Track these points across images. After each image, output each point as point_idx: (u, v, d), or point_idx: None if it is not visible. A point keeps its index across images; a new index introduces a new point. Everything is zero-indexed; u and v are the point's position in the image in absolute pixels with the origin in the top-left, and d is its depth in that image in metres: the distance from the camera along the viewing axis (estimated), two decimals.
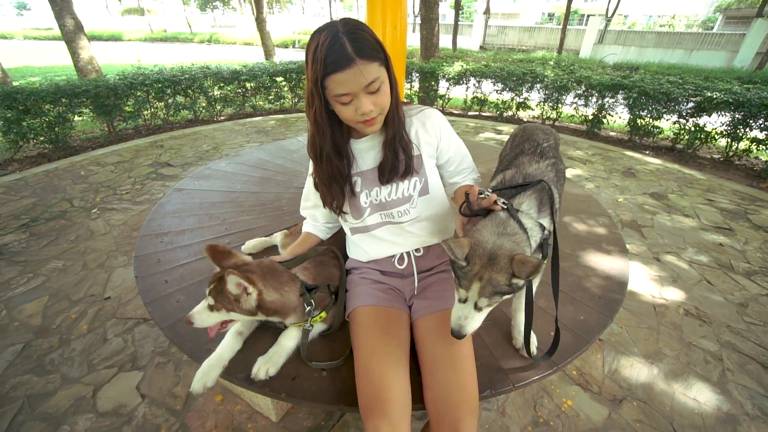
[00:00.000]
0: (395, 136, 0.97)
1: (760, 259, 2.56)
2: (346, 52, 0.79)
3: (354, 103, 0.86)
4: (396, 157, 0.98)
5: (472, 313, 0.80)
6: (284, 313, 1.00)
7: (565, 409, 1.53)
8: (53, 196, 3.24)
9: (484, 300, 0.77)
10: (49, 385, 1.60)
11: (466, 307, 0.80)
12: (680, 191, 3.61)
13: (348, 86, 0.82)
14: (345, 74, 0.80)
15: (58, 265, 2.36)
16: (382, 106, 0.90)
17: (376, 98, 0.87)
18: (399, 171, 1.00)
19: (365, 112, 0.86)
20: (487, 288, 0.76)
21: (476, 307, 0.79)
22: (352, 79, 0.81)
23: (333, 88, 0.83)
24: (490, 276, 0.76)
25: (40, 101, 3.89)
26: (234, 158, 2.42)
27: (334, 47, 0.79)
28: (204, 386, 0.93)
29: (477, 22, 20.08)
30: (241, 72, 5.50)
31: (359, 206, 1.07)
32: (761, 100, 3.84)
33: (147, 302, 1.22)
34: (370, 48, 0.82)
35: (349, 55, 0.79)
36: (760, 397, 1.60)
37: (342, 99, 0.85)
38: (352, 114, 0.87)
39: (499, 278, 0.75)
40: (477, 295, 0.77)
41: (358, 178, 1.05)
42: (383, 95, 0.88)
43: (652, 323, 1.98)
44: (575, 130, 5.52)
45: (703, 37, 14.98)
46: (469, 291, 0.78)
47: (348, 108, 0.87)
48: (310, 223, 1.22)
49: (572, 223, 1.74)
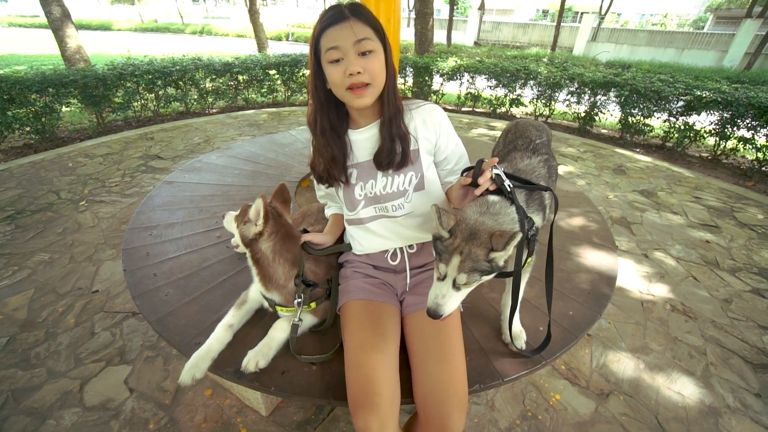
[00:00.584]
0: (392, 121, 0.97)
1: (744, 256, 2.62)
2: (341, 10, 0.86)
3: (343, 63, 0.86)
4: (392, 142, 0.98)
5: (450, 292, 0.80)
6: (267, 274, 1.03)
7: (553, 402, 1.56)
8: (40, 187, 3.17)
9: (462, 276, 0.77)
10: (35, 379, 1.57)
11: (444, 285, 0.80)
12: (669, 189, 3.66)
13: (339, 40, 0.85)
14: (336, 28, 0.85)
15: (44, 258, 2.31)
16: (372, 73, 0.89)
17: (366, 62, 0.87)
18: (396, 159, 0.99)
19: (353, 72, 0.85)
20: (467, 263, 0.76)
21: (455, 286, 0.79)
22: (343, 34, 0.85)
23: (325, 44, 0.87)
24: (470, 250, 0.76)
25: (25, 90, 3.78)
26: (225, 151, 2.39)
27: (332, 10, 0.87)
28: (193, 378, 0.93)
29: (471, 17, 20.03)
30: (234, 64, 5.42)
31: (354, 198, 1.07)
32: (749, 100, 3.90)
33: (135, 296, 1.20)
34: (367, 14, 0.88)
35: (343, 12, 0.86)
36: (741, 390, 1.65)
37: (331, 54, 0.86)
38: (341, 77, 0.87)
39: (479, 253, 0.76)
40: (456, 270, 0.77)
41: (354, 170, 1.05)
42: (374, 62, 0.88)
43: (639, 318, 2.01)
44: (567, 127, 5.55)
45: (694, 36, 15.13)
46: (449, 265, 0.78)
47: (337, 69, 0.87)
48: (332, 206, 1.25)
49: (563, 218, 1.76)
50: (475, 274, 0.77)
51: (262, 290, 1.05)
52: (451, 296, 0.80)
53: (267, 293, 1.04)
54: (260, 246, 1.01)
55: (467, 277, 0.77)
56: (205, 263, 1.37)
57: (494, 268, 0.78)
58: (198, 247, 1.46)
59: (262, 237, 1.00)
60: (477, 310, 1.19)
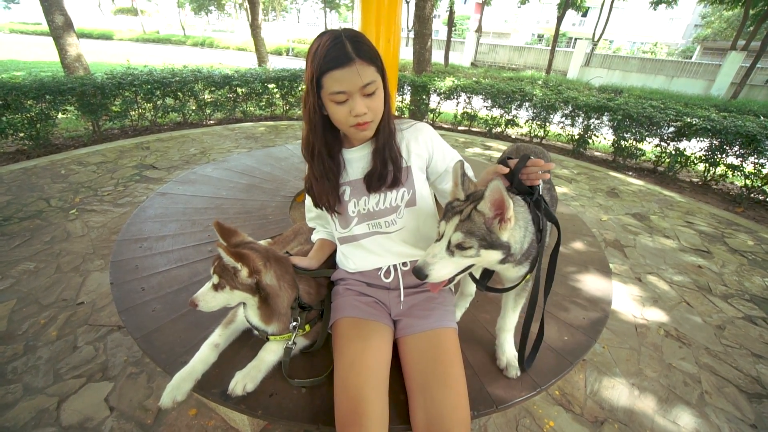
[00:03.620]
0: (385, 146, 0.98)
1: (736, 282, 2.64)
2: (346, 50, 0.82)
3: (348, 103, 0.87)
4: (384, 167, 0.99)
5: (442, 253, 0.78)
6: (273, 308, 0.97)
7: (547, 430, 1.52)
8: (29, 194, 3.12)
9: (458, 235, 0.75)
10: (9, 396, 1.50)
11: (439, 245, 0.79)
12: (661, 213, 3.71)
13: (344, 84, 0.84)
14: (343, 72, 0.83)
15: (29, 267, 2.25)
16: (375, 111, 0.90)
17: (370, 102, 0.88)
18: (387, 181, 1.00)
19: (359, 113, 0.87)
20: (465, 223, 0.75)
21: (449, 249, 0.77)
22: (349, 78, 0.83)
23: (330, 85, 0.84)
24: (470, 212, 0.76)
25: (21, 96, 3.77)
26: (221, 164, 2.38)
27: (335, 46, 0.82)
28: (173, 400, 0.89)
29: (469, 39, 20.60)
30: (233, 77, 5.47)
31: (347, 215, 1.06)
32: (737, 129, 4.01)
33: (121, 310, 1.17)
34: (369, 52, 0.85)
35: (348, 54, 0.82)
36: (737, 420, 1.62)
37: (337, 97, 0.86)
38: (345, 116, 0.88)
39: (477, 217, 0.76)
40: (453, 228, 0.76)
41: (346, 187, 1.05)
42: (377, 100, 0.90)
43: (633, 344, 2.00)
44: (562, 148, 5.65)
45: (683, 65, 15.70)
46: (448, 224, 0.78)
47: (342, 108, 0.87)
48: (321, 232, 1.24)
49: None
50: (470, 239, 0.75)
51: (260, 325, 0.99)
52: (442, 258, 0.77)
53: (266, 327, 0.99)
54: (264, 281, 0.94)
55: (462, 237, 0.75)
56: (195, 278, 1.34)
57: (492, 240, 0.76)
58: (189, 261, 1.43)
59: (262, 272, 0.93)
60: (471, 334, 1.16)
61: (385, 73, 0.91)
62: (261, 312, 0.97)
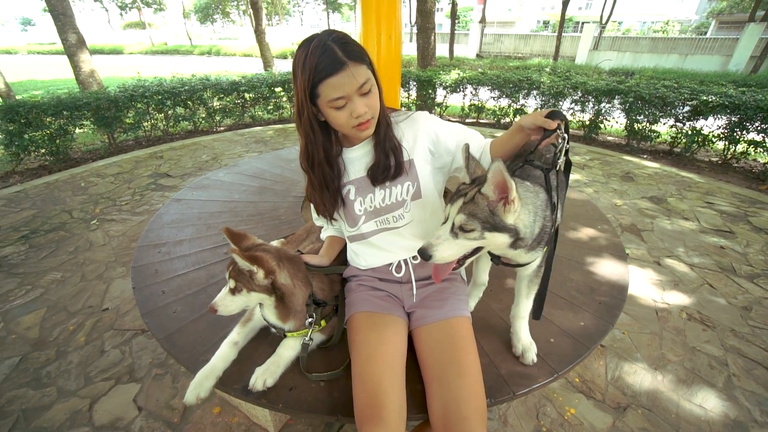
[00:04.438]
0: (385, 138, 0.99)
1: (762, 261, 2.55)
2: (338, 56, 0.81)
3: (348, 106, 0.87)
4: (387, 159, 0.99)
5: (446, 235, 0.79)
6: (289, 306, 0.99)
7: (568, 417, 1.51)
8: (53, 207, 3.24)
9: (461, 217, 0.77)
10: (45, 399, 1.58)
11: (444, 228, 0.81)
12: (679, 195, 3.60)
13: (343, 89, 0.83)
14: (339, 77, 0.82)
15: (56, 277, 2.35)
16: (374, 108, 0.91)
17: (368, 100, 0.88)
18: (390, 172, 1.00)
19: (360, 114, 0.87)
20: (468, 206, 0.77)
21: (453, 231, 0.79)
22: (346, 82, 0.83)
23: (327, 93, 0.84)
24: (474, 194, 0.77)
25: (41, 114, 3.92)
26: (232, 168, 2.42)
27: (325, 53, 0.81)
28: (197, 397, 0.92)
29: (473, 30, 20.33)
30: (240, 83, 5.55)
31: (354, 214, 1.07)
32: (756, 103, 3.86)
33: (144, 313, 1.21)
34: (358, 51, 0.85)
35: (340, 59, 0.81)
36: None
37: (337, 103, 0.86)
38: (347, 119, 0.88)
39: (480, 200, 0.76)
40: (457, 210, 0.78)
41: (351, 187, 1.06)
42: (374, 97, 0.90)
43: (654, 328, 1.96)
44: (573, 135, 5.54)
45: (697, 42, 15.13)
46: (452, 206, 0.80)
47: (342, 113, 0.88)
48: (329, 229, 1.25)
49: (571, 227, 1.74)
50: (473, 220, 0.76)
51: (277, 323, 1.02)
52: (446, 239, 0.79)
53: (283, 325, 1.02)
54: (279, 281, 0.97)
55: (465, 219, 0.76)
56: (212, 279, 1.38)
57: (496, 223, 0.76)
58: (206, 264, 1.47)
59: (276, 272, 0.96)
60: (486, 323, 1.17)
61: (373, 67, 0.91)
62: (278, 311, 0.99)
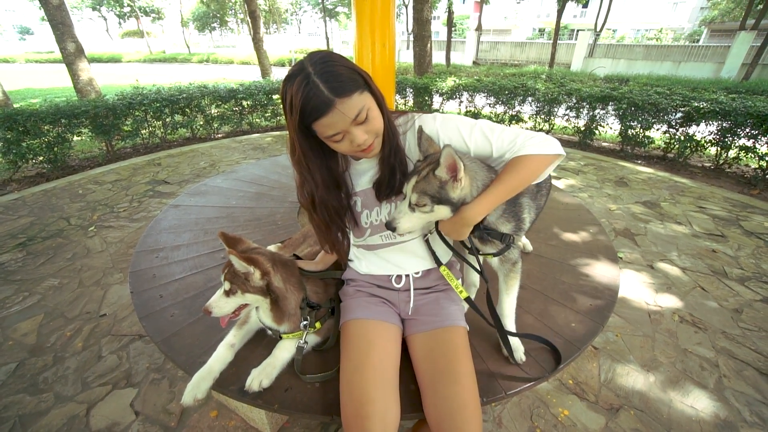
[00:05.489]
0: (391, 152, 0.95)
1: (753, 264, 2.58)
2: (323, 96, 0.76)
3: (347, 137, 0.84)
4: (393, 176, 0.96)
5: (405, 210, 0.90)
6: (283, 309, 1.01)
7: (562, 418, 1.53)
8: (51, 215, 3.26)
9: (414, 196, 0.87)
10: (42, 404, 1.58)
11: (403, 204, 0.91)
12: (672, 199, 3.65)
13: (336, 126, 0.80)
14: (329, 117, 0.78)
15: (54, 283, 2.35)
16: (376, 130, 0.87)
17: (368, 126, 0.84)
18: (395, 187, 0.97)
19: (360, 143, 0.84)
20: (420, 184, 0.87)
21: (410, 206, 0.89)
22: (338, 120, 0.79)
23: (321, 131, 0.83)
24: (427, 173, 0.86)
25: (39, 122, 3.94)
26: (230, 174, 2.45)
27: (309, 94, 0.76)
28: (194, 398, 0.93)
29: (469, 38, 20.58)
30: (238, 90, 5.60)
31: (360, 227, 1.08)
32: (746, 109, 3.93)
33: (142, 317, 1.23)
34: (346, 81, 0.77)
35: (326, 99, 0.76)
36: (757, 403, 1.60)
37: (334, 138, 0.84)
38: (348, 147, 0.86)
39: (432, 178, 0.86)
40: (411, 189, 0.88)
41: (357, 198, 1.05)
42: (374, 120, 0.85)
43: (647, 330, 1.98)
44: (568, 141, 5.61)
45: (689, 49, 15.37)
46: (408, 184, 0.89)
47: (343, 144, 0.85)
48: None
49: (563, 231, 1.77)
50: (424, 197, 0.87)
51: (273, 325, 1.04)
52: (405, 214, 0.90)
53: (278, 327, 1.04)
54: (274, 283, 0.99)
55: (418, 197, 0.87)
56: (210, 283, 1.40)
57: (442, 197, 0.86)
58: (203, 268, 1.49)
59: (271, 273, 0.98)
60: (477, 324, 1.18)
61: (370, 83, 0.85)
62: (273, 313, 1.02)
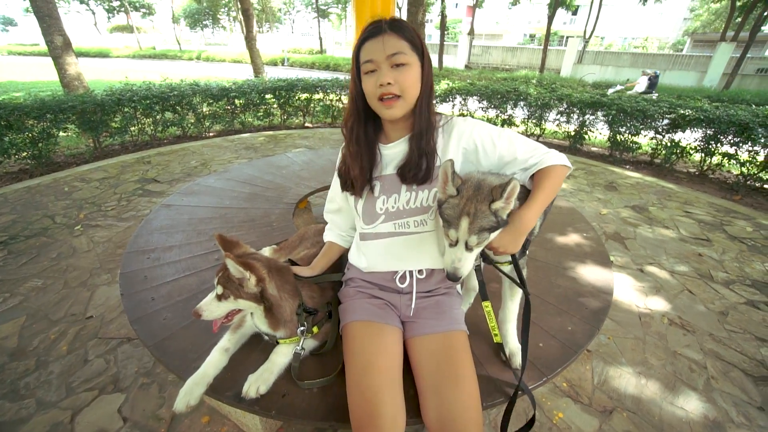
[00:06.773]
0: (422, 134, 0.97)
1: (737, 268, 2.65)
2: (380, 24, 0.90)
3: (376, 74, 0.91)
4: (420, 158, 0.97)
5: (464, 254, 0.84)
6: (278, 316, 0.99)
7: (557, 421, 1.54)
8: (34, 212, 3.16)
9: (473, 238, 0.82)
10: (23, 411, 1.52)
11: (458, 249, 0.84)
12: (660, 204, 3.73)
13: (373, 53, 0.89)
14: (372, 42, 0.90)
15: (37, 284, 2.28)
16: (403, 86, 0.91)
17: (398, 74, 0.90)
18: (420, 172, 0.98)
19: (383, 82, 0.89)
20: (475, 223, 0.81)
21: (467, 248, 0.83)
22: (377, 48, 0.89)
23: (362, 56, 0.92)
24: (475, 208, 0.80)
25: (23, 116, 3.82)
26: (223, 174, 2.41)
27: (373, 24, 0.91)
28: (187, 404, 0.91)
29: (462, 42, 20.76)
30: (231, 89, 5.53)
31: (374, 212, 1.06)
32: (729, 118, 4.05)
33: (133, 320, 1.19)
34: (405, 29, 0.91)
35: (380, 27, 0.90)
36: (744, 404, 1.64)
37: (366, 67, 0.91)
38: (373, 86, 0.92)
39: (483, 209, 0.80)
40: (466, 233, 0.81)
41: (378, 182, 1.05)
42: (406, 75, 0.91)
43: (638, 333, 2.02)
44: (559, 145, 5.69)
45: (674, 58, 15.80)
46: (459, 230, 0.82)
47: (370, 79, 0.92)
48: (334, 231, 1.23)
49: (558, 235, 1.78)
50: (484, 234, 0.82)
51: (269, 331, 1.02)
52: (465, 258, 0.84)
53: (274, 332, 1.02)
54: (269, 291, 0.97)
55: (477, 237, 0.82)
56: (203, 285, 1.37)
57: (500, 223, 0.83)
58: (197, 270, 1.46)
59: (266, 280, 0.96)
60: (477, 328, 1.19)
61: (424, 52, 0.94)
62: (268, 320, 0.99)
